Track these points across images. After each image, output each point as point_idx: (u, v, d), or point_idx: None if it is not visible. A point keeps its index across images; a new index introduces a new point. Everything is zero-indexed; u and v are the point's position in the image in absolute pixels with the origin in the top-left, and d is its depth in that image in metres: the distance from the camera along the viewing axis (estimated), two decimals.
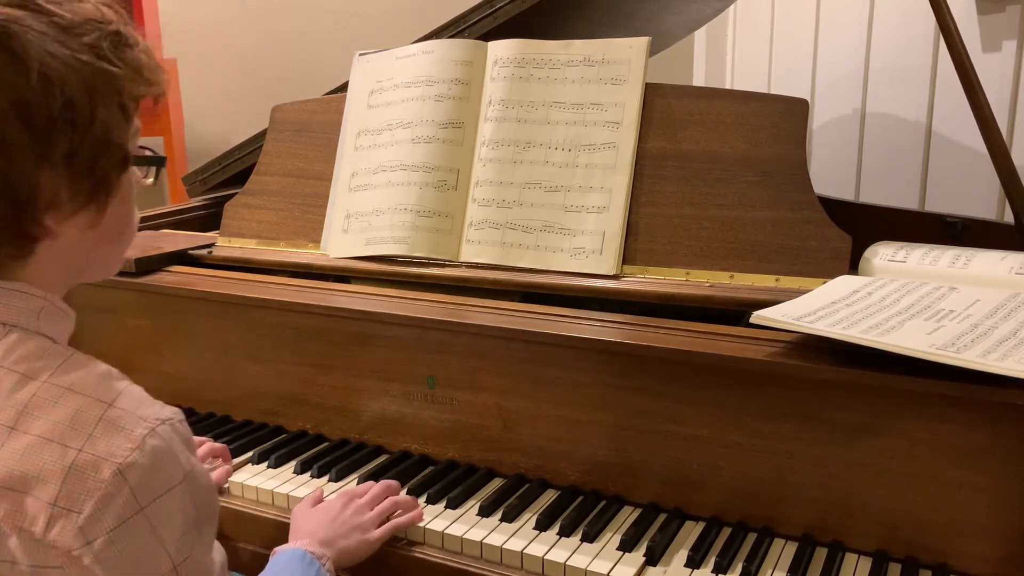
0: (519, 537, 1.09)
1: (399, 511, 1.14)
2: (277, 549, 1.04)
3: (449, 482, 1.21)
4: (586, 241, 1.30)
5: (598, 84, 1.35)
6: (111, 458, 0.72)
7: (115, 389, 0.76)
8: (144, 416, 0.75)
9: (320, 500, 1.15)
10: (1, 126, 0.72)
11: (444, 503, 1.17)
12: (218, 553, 0.87)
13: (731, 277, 1.24)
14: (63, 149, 0.75)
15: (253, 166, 1.61)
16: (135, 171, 0.85)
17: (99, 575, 0.71)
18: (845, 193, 2.18)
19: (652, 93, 1.33)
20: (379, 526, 1.11)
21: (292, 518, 1.12)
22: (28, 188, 0.74)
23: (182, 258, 1.55)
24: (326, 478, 1.25)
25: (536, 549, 1.06)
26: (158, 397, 0.84)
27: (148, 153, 0.87)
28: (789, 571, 1.01)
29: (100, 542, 0.71)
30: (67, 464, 0.71)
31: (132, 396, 0.76)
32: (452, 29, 1.54)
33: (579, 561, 1.04)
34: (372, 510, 1.11)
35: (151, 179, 0.89)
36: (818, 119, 2.31)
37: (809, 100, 1.98)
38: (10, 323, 0.77)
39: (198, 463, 0.80)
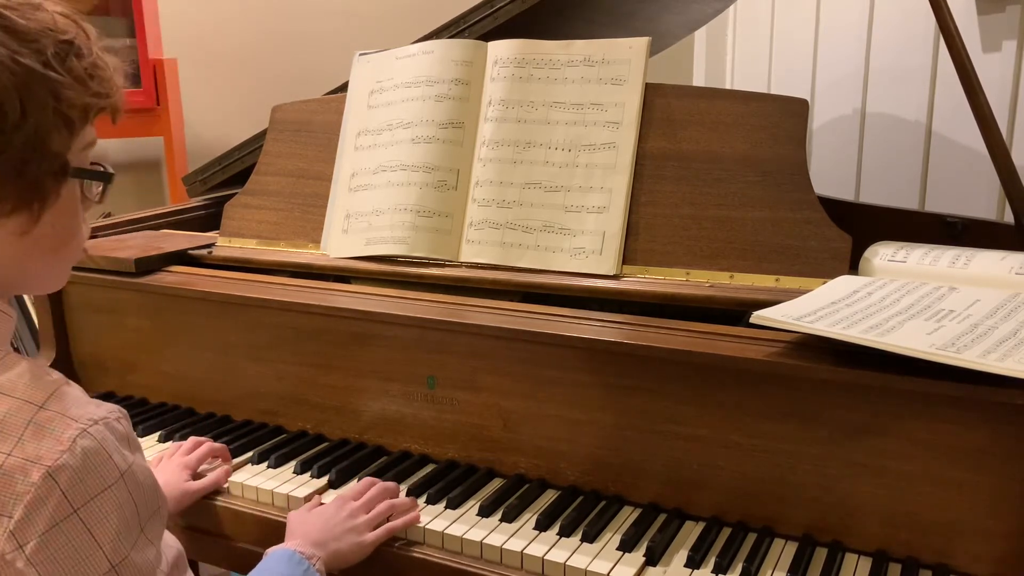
0: (519, 537, 1.09)
1: (395, 514, 1.13)
2: (269, 550, 1.04)
3: (449, 482, 1.21)
4: (586, 241, 1.30)
5: (598, 84, 1.35)
6: (40, 461, 0.72)
7: (46, 390, 0.75)
8: (75, 416, 0.74)
9: (317, 506, 1.15)
10: None
11: (444, 503, 1.17)
12: (172, 548, 0.87)
13: (731, 277, 1.24)
14: None
15: (253, 166, 1.61)
16: (84, 185, 0.83)
17: None
18: (845, 193, 2.18)
19: (652, 93, 1.33)
20: (372, 528, 1.11)
21: (288, 522, 1.12)
22: None
23: (182, 258, 1.55)
24: (326, 478, 1.25)
25: (536, 549, 1.06)
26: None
27: (99, 168, 0.84)
28: (789, 571, 1.01)
29: (32, 545, 0.71)
30: None
31: (64, 397, 0.76)
32: (452, 29, 1.54)
33: (579, 561, 1.04)
34: (368, 513, 1.11)
35: (97, 191, 0.86)
36: (818, 119, 2.31)
37: (809, 100, 1.98)
38: None
39: (139, 461, 0.79)
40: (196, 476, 1.25)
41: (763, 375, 1.05)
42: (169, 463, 1.25)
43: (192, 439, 1.30)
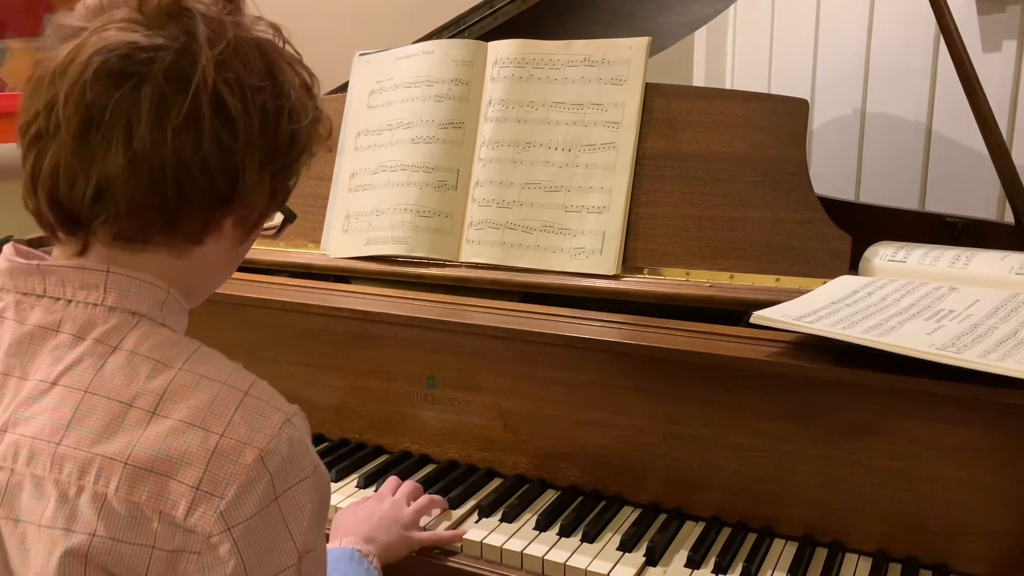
0: (519, 537, 1.09)
1: (438, 507, 1.15)
2: None
3: (449, 482, 1.21)
4: (586, 241, 1.30)
5: (598, 84, 1.35)
6: (253, 443, 0.72)
7: (248, 379, 0.77)
8: (279, 406, 0.76)
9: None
10: (252, 127, 0.76)
11: None
12: None
13: (731, 277, 1.23)
14: (275, 168, 0.79)
15: None
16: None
17: (233, 564, 0.71)
18: (845, 193, 2.18)
19: (652, 93, 1.33)
20: (416, 523, 1.11)
21: (335, 520, 1.11)
22: (243, 187, 0.77)
23: None
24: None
25: (536, 549, 1.06)
26: None
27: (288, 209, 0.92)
28: (789, 571, 1.01)
29: (240, 529, 0.71)
30: (210, 448, 0.71)
31: (264, 387, 0.77)
32: (452, 29, 1.54)
33: (579, 561, 1.04)
34: (408, 505, 1.13)
35: (276, 223, 0.93)
36: (818, 119, 2.31)
37: (809, 100, 1.98)
38: (140, 312, 0.78)
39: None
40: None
41: (763, 375, 1.05)
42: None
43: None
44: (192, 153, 0.73)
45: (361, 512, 1.10)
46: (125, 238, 0.76)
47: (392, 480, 1.19)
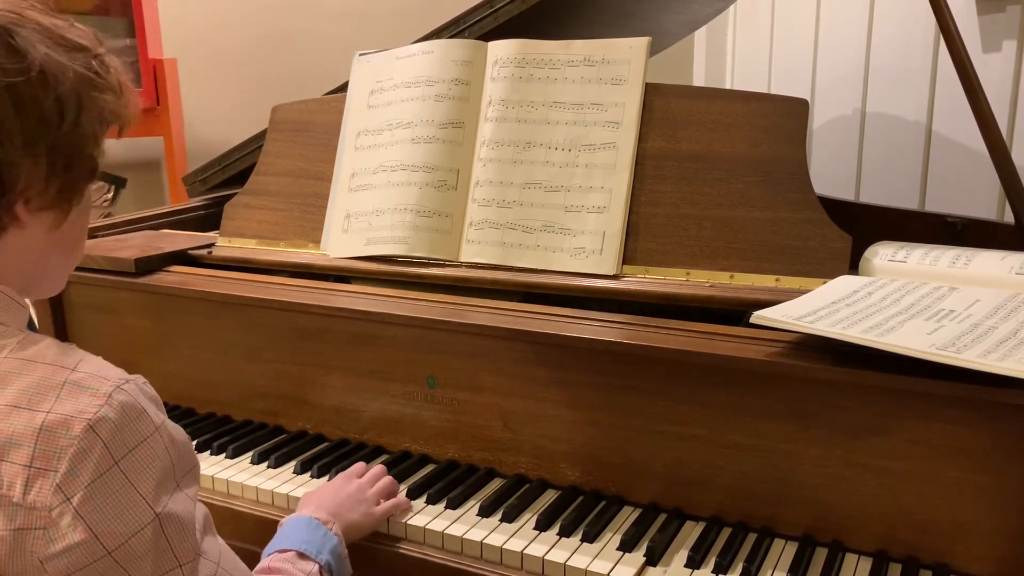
0: (519, 537, 1.09)
1: (399, 496, 1.18)
2: (285, 519, 1.07)
3: (449, 482, 1.22)
4: (586, 241, 1.30)
5: (598, 84, 1.35)
6: (80, 415, 0.74)
7: (75, 357, 0.79)
8: (107, 376, 0.78)
9: None
10: (7, 107, 0.76)
11: (444, 503, 1.17)
12: (200, 509, 0.88)
13: (731, 277, 1.24)
14: (47, 143, 0.79)
15: (253, 166, 1.61)
16: (94, 188, 0.89)
17: (81, 531, 0.73)
18: (845, 193, 2.18)
19: (652, 93, 1.33)
20: (378, 502, 1.15)
21: (300, 499, 1.15)
22: (12, 173, 0.78)
23: (182, 258, 1.55)
24: (326, 478, 1.25)
25: (536, 549, 1.06)
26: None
27: (116, 174, 0.93)
28: (789, 571, 1.01)
29: (78, 497, 0.73)
30: (37, 425, 0.74)
31: (92, 362, 0.79)
32: (452, 29, 1.54)
33: (579, 561, 1.04)
34: (372, 487, 1.16)
35: (109, 195, 0.94)
36: (818, 119, 2.31)
37: (809, 100, 1.98)
38: None
39: (170, 421, 0.82)
40: None
41: (763, 375, 1.05)
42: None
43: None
44: None
45: (327, 490, 1.14)
46: None
47: (359, 464, 1.22)
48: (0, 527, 0.73)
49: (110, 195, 0.95)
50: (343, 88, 1.57)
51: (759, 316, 1.03)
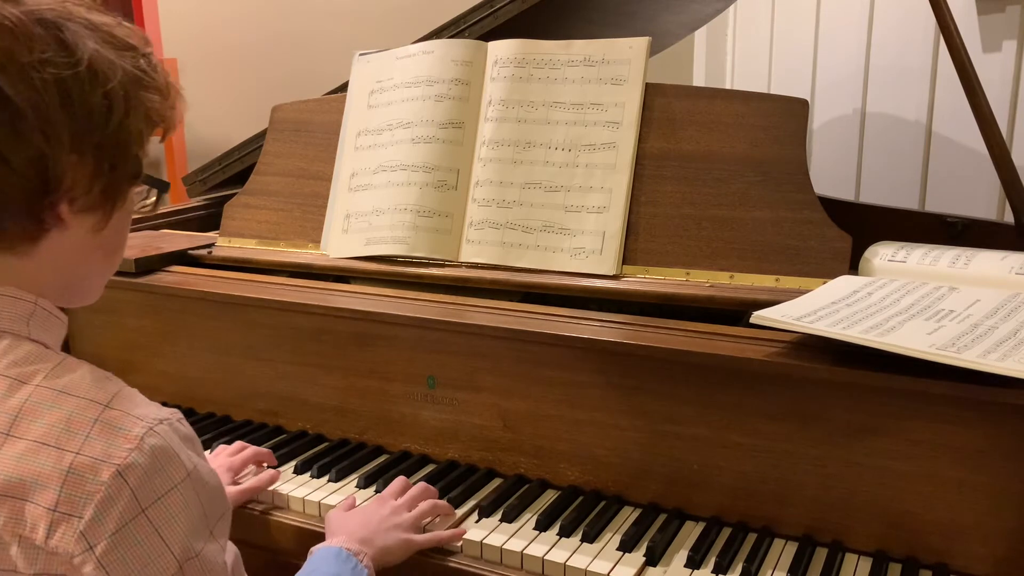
0: (519, 537, 1.09)
1: (438, 513, 1.14)
2: (313, 548, 1.03)
3: (449, 482, 1.21)
4: (586, 241, 1.30)
5: (598, 84, 1.35)
6: (109, 459, 0.71)
7: (110, 391, 0.75)
8: (141, 416, 0.74)
9: (353, 506, 1.14)
10: (46, 106, 0.73)
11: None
12: (231, 552, 0.86)
13: (731, 277, 1.24)
14: (94, 141, 0.76)
15: (253, 166, 1.60)
16: (136, 192, 0.86)
17: None
18: (845, 193, 2.18)
19: (652, 93, 1.33)
20: (417, 527, 1.10)
21: (327, 522, 1.10)
22: (58, 171, 0.75)
23: (182, 258, 1.55)
24: (326, 478, 1.25)
25: (536, 549, 1.06)
26: (158, 397, 0.85)
27: (160, 178, 0.90)
28: (789, 571, 1.01)
29: (102, 546, 0.70)
30: (64, 468, 0.71)
31: (128, 397, 0.76)
32: (452, 29, 1.54)
33: (579, 561, 1.04)
34: (410, 511, 1.11)
35: (151, 199, 0.91)
36: (818, 119, 2.31)
37: (809, 100, 1.98)
38: (1, 329, 0.77)
39: (203, 463, 0.79)
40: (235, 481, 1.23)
41: (763, 375, 1.05)
42: (213, 462, 1.22)
43: (238, 443, 1.29)
44: None
45: (359, 515, 1.09)
46: None
47: (400, 481, 1.18)
48: (20, 567, 0.71)
49: (152, 199, 0.91)
50: (343, 88, 1.57)
51: (759, 316, 1.03)
